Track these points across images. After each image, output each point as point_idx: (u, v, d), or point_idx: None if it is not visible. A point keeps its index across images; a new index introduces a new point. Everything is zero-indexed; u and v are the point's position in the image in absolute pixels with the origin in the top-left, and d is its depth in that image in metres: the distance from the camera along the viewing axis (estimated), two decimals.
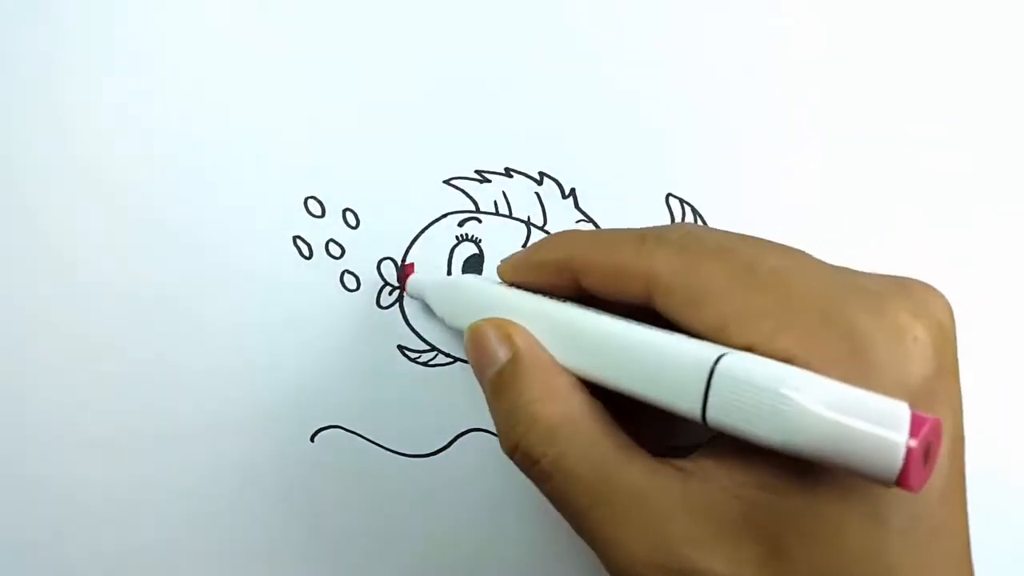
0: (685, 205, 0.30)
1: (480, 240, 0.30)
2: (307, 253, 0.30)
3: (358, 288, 0.30)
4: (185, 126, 0.30)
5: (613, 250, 0.21)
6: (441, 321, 0.28)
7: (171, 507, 0.31)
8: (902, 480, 0.15)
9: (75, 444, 0.31)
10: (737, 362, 0.17)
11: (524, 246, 0.30)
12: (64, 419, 0.31)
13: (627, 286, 0.21)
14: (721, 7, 0.30)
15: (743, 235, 0.21)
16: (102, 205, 0.30)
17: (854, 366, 0.17)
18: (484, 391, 0.23)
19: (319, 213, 0.30)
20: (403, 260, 0.30)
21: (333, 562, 0.31)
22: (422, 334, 0.30)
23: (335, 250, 0.30)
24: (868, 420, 0.15)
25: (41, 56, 0.30)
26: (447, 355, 0.31)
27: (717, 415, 0.17)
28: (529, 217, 0.30)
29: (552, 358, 0.22)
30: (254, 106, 0.30)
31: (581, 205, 0.30)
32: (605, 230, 0.24)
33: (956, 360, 0.19)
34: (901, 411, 0.16)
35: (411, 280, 0.30)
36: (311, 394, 0.31)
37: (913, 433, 0.15)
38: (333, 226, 0.30)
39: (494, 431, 0.30)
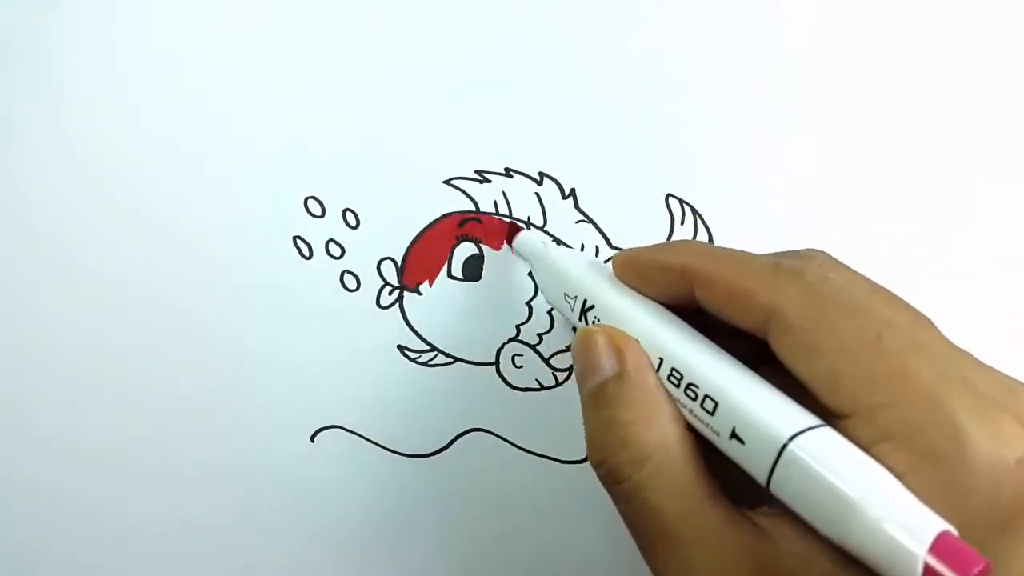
0: (685, 205, 0.30)
1: (480, 240, 0.30)
2: (307, 253, 0.30)
3: (358, 288, 0.30)
4: (185, 126, 0.30)
5: (742, 270, 0.21)
6: (542, 292, 0.28)
7: (171, 507, 0.31)
8: None
9: (73, 444, 0.31)
10: (809, 446, 0.17)
11: None
12: (62, 419, 0.31)
13: (746, 312, 0.20)
14: (721, 7, 0.30)
15: (878, 290, 0.21)
16: (102, 205, 0.30)
17: (949, 470, 0.17)
18: (581, 395, 0.23)
19: (319, 213, 0.30)
20: (403, 260, 0.30)
21: (333, 562, 0.31)
22: (422, 334, 0.30)
23: (335, 250, 0.30)
24: (917, 544, 0.15)
25: (41, 56, 0.30)
26: (447, 355, 0.31)
27: (779, 490, 0.18)
28: (529, 217, 0.30)
29: (658, 381, 0.21)
30: (254, 106, 0.30)
31: (581, 205, 0.30)
32: (735, 249, 0.23)
33: None
34: (956, 547, 0.15)
35: (521, 238, 0.29)
36: (311, 394, 0.31)
37: (962, 570, 0.15)
38: (333, 226, 0.30)
39: (494, 431, 0.30)
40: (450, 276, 0.30)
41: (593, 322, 0.24)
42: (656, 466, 0.20)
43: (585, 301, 0.24)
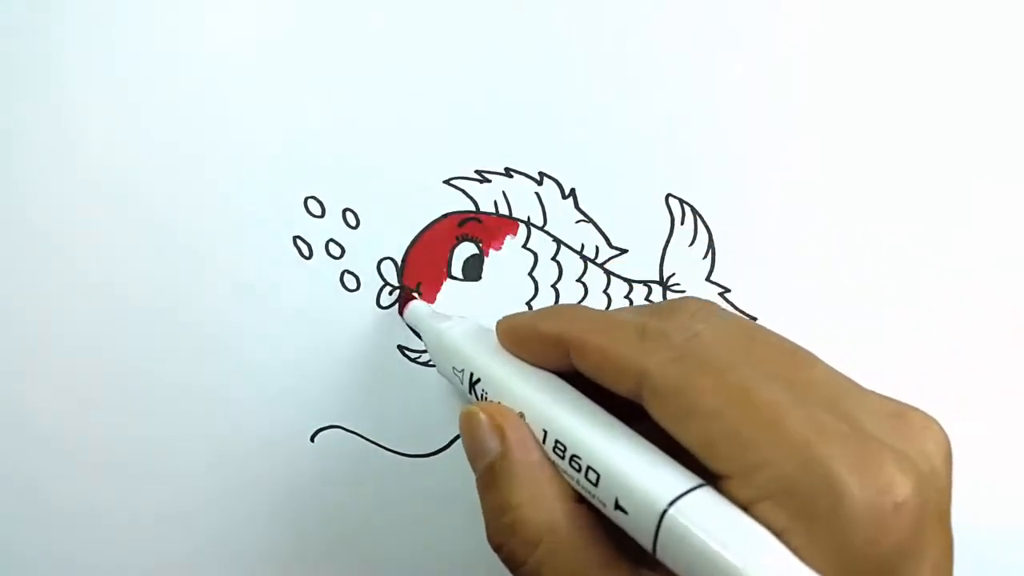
0: (685, 205, 0.30)
1: (480, 240, 0.30)
2: (307, 253, 0.30)
3: (358, 288, 0.30)
4: (185, 126, 0.30)
5: (610, 337, 0.21)
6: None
7: (170, 507, 0.31)
8: None
9: (73, 444, 0.31)
10: (689, 511, 0.17)
11: (524, 246, 0.30)
12: (62, 419, 0.31)
13: (618, 379, 0.20)
14: (721, 7, 0.30)
15: (754, 334, 0.20)
16: (101, 205, 0.30)
17: (826, 525, 0.17)
18: (476, 479, 0.23)
19: (319, 213, 0.30)
20: (403, 260, 0.30)
21: (333, 562, 0.31)
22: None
23: (335, 250, 0.30)
24: None
25: (41, 56, 0.30)
26: None
27: (664, 556, 0.18)
28: (529, 217, 0.30)
29: (543, 456, 0.21)
30: (254, 106, 0.30)
31: (581, 205, 0.30)
32: (609, 313, 0.23)
33: (946, 505, 0.18)
34: None
35: (410, 309, 0.30)
36: (311, 394, 0.31)
37: None
38: (333, 226, 0.30)
39: None
40: (450, 276, 0.30)
41: (482, 395, 0.24)
42: (548, 549, 0.20)
43: (472, 374, 0.24)
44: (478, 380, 0.24)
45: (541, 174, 0.30)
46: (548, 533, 0.20)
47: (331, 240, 0.30)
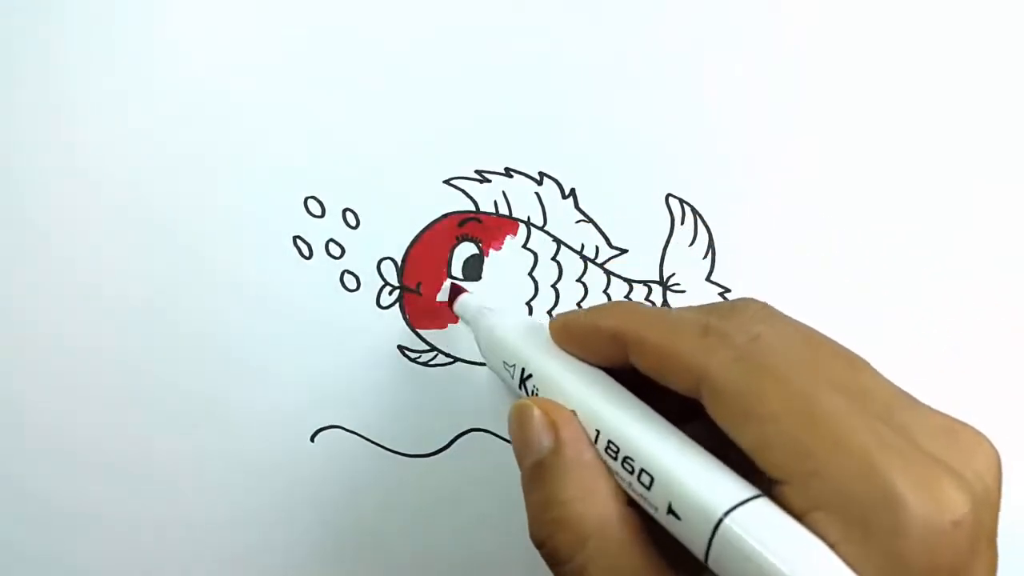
0: (685, 205, 0.30)
1: (480, 240, 0.30)
2: (307, 253, 0.30)
3: (358, 288, 0.30)
4: (185, 126, 0.30)
5: (671, 334, 0.21)
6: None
7: (170, 508, 0.31)
8: None
9: (73, 445, 0.31)
10: (744, 520, 0.17)
11: (524, 246, 0.30)
12: (61, 419, 0.31)
13: (678, 377, 0.20)
14: (721, 7, 0.30)
15: (811, 339, 0.20)
16: (101, 205, 0.30)
17: (883, 539, 0.16)
18: (521, 472, 0.23)
19: (319, 213, 0.30)
20: (403, 260, 0.30)
21: (333, 562, 0.31)
22: (422, 334, 0.31)
23: (335, 250, 0.30)
24: None
25: (41, 56, 0.30)
26: (447, 355, 0.31)
27: (716, 565, 0.17)
28: (529, 217, 0.30)
29: (596, 454, 0.21)
30: (254, 106, 0.30)
31: (581, 205, 0.30)
32: (669, 310, 0.23)
33: (995, 525, 0.18)
34: None
35: (460, 302, 0.29)
36: (311, 394, 0.31)
37: None
38: (333, 226, 0.30)
39: (494, 431, 0.30)
40: (450, 276, 0.30)
41: (532, 391, 0.24)
42: (597, 547, 0.20)
43: (523, 370, 0.24)
44: (530, 376, 0.24)
45: (541, 174, 0.30)
46: (598, 531, 0.20)
47: (331, 240, 0.30)
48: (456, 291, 0.30)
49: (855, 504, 0.17)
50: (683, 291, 0.31)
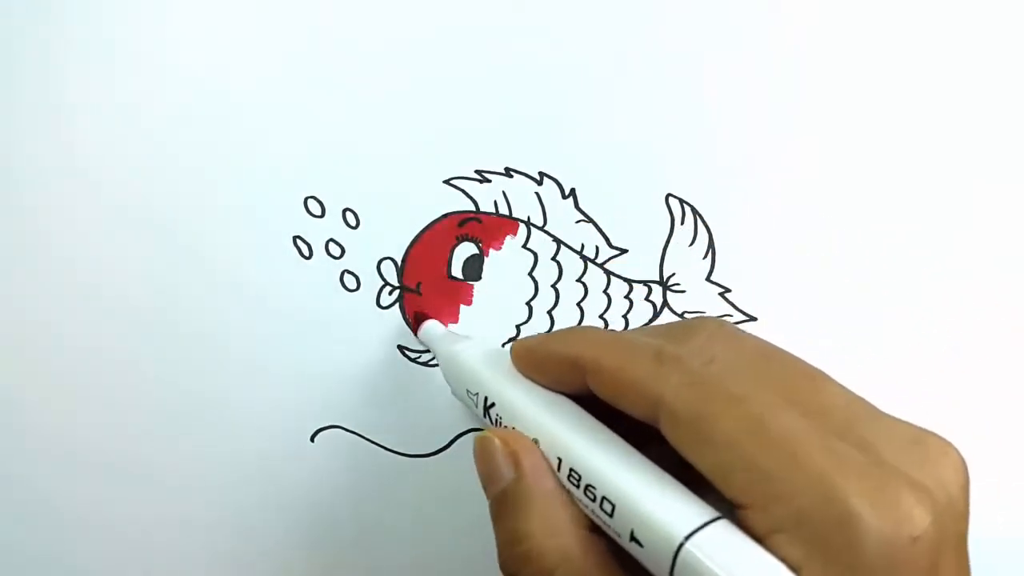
0: (685, 205, 0.30)
1: (480, 240, 0.30)
2: (307, 253, 0.30)
3: (358, 288, 0.30)
4: (185, 126, 0.30)
5: (626, 361, 0.21)
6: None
7: (170, 508, 0.31)
8: None
9: (71, 445, 0.31)
10: (705, 544, 0.17)
11: (524, 246, 0.30)
12: (60, 419, 0.31)
13: (634, 403, 0.20)
14: (722, 7, 0.30)
15: (769, 356, 0.20)
16: (101, 205, 0.30)
17: (843, 559, 0.16)
18: (488, 503, 0.23)
19: (319, 213, 0.30)
20: (403, 260, 0.30)
21: (333, 561, 0.31)
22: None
23: (335, 250, 0.30)
24: None
25: (41, 56, 0.30)
26: None
27: None
28: (529, 217, 0.30)
29: (557, 483, 0.21)
30: (254, 106, 0.30)
31: (581, 205, 0.30)
32: (627, 333, 0.23)
33: (963, 533, 0.18)
34: None
35: (424, 329, 0.30)
36: (311, 394, 0.31)
37: None
38: (333, 226, 0.30)
39: None
40: (450, 276, 0.30)
41: (496, 419, 0.24)
42: None
43: (486, 398, 0.24)
44: (492, 404, 0.24)
45: (541, 174, 0.30)
46: (562, 563, 0.20)
47: (331, 240, 0.30)
48: (420, 318, 0.30)
49: (814, 525, 0.17)
50: (683, 291, 0.31)
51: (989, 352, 0.31)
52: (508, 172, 0.30)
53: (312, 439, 0.31)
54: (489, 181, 0.30)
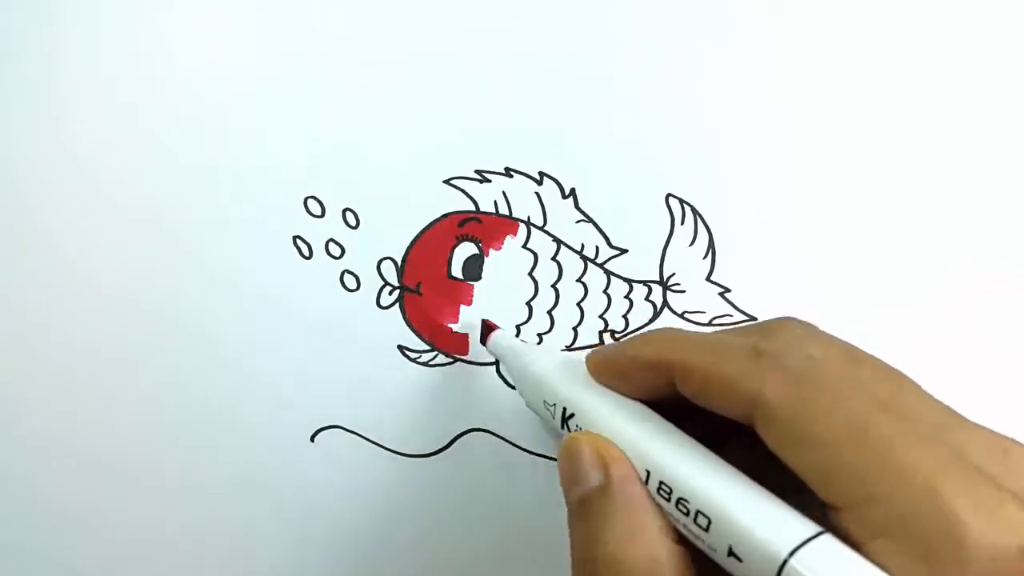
0: (685, 205, 0.30)
1: (480, 240, 0.30)
2: (307, 253, 0.30)
3: (358, 288, 0.30)
4: (185, 126, 0.30)
5: (721, 359, 0.20)
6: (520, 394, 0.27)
7: (170, 508, 0.31)
8: None
9: (71, 445, 0.31)
10: (810, 560, 0.17)
11: (524, 246, 0.30)
12: (60, 419, 0.31)
13: (730, 403, 0.20)
14: (721, 7, 0.30)
15: (858, 358, 0.20)
16: (101, 205, 0.30)
17: (948, 567, 0.16)
18: (567, 502, 0.22)
19: (319, 213, 0.30)
20: (403, 260, 0.30)
21: (333, 562, 0.31)
22: (422, 334, 0.30)
23: (335, 250, 0.30)
24: None
25: (41, 56, 0.30)
26: (447, 355, 0.31)
27: None
28: (529, 217, 0.30)
29: (646, 493, 0.21)
30: (254, 106, 0.30)
31: (581, 205, 0.30)
32: (713, 335, 0.23)
33: None
34: None
35: (493, 340, 0.29)
36: (311, 394, 0.31)
37: None
38: (333, 226, 0.30)
39: (494, 431, 0.30)
40: (450, 276, 0.30)
41: (576, 429, 0.23)
42: None
43: (564, 409, 0.24)
44: (572, 415, 0.23)
45: (541, 174, 0.30)
46: (646, 572, 0.20)
47: (331, 240, 0.30)
48: (488, 328, 0.29)
49: (917, 532, 0.16)
50: (683, 291, 0.31)
51: (989, 352, 0.31)
52: (508, 172, 0.30)
53: (312, 439, 0.31)
54: (489, 181, 0.30)
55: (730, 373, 0.20)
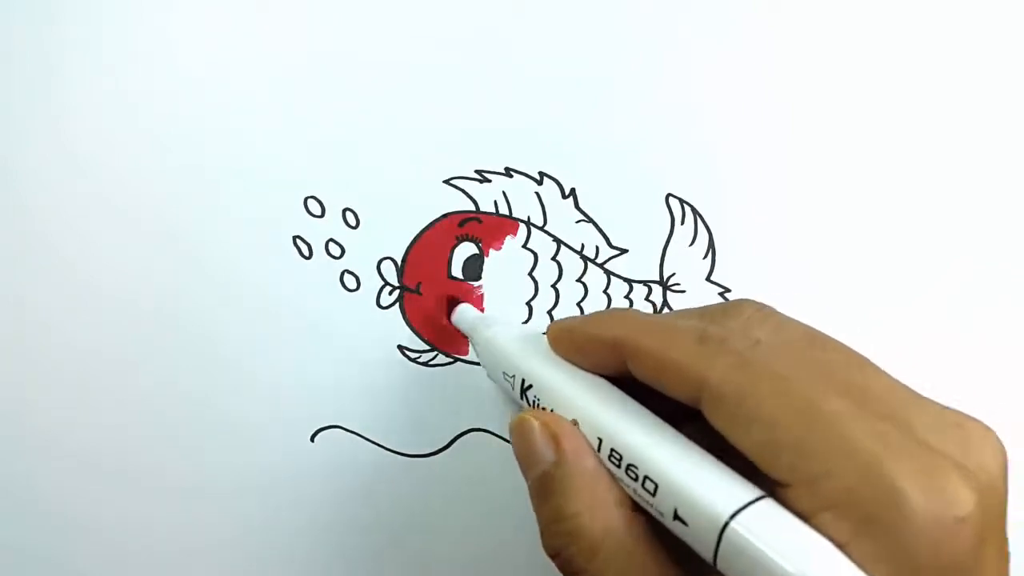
0: (685, 205, 0.30)
1: (480, 240, 0.30)
2: (307, 253, 0.30)
3: (358, 288, 0.30)
4: (185, 126, 0.30)
5: (668, 342, 0.21)
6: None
7: (170, 508, 0.31)
8: None
9: (71, 446, 0.31)
10: (751, 523, 0.17)
11: (524, 246, 0.30)
12: (59, 421, 0.31)
13: (677, 385, 0.20)
14: (721, 7, 0.30)
15: (812, 339, 0.20)
16: (101, 205, 0.30)
17: (890, 537, 0.17)
18: (528, 486, 0.23)
19: (319, 213, 0.30)
20: (403, 260, 0.30)
21: (333, 562, 0.31)
22: (422, 334, 0.30)
23: (335, 250, 0.30)
24: None
25: (41, 56, 0.30)
26: (447, 355, 0.31)
27: (726, 567, 0.18)
28: (529, 217, 0.30)
29: (598, 463, 0.21)
30: (254, 106, 0.30)
31: (581, 205, 0.30)
32: (666, 316, 0.23)
33: (1003, 518, 0.18)
34: None
35: (457, 313, 0.29)
36: (311, 394, 0.31)
37: None
38: (333, 226, 0.30)
39: (494, 431, 0.30)
40: (450, 276, 0.30)
41: (533, 401, 0.24)
42: (607, 557, 0.20)
43: (523, 380, 0.24)
44: (530, 386, 0.24)
45: (541, 174, 0.30)
46: (607, 540, 0.20)
47: (331, 240, 0.30)
48: (453, 302, 0.30)
49: (861, 503, 0.17)
50: (683, 291, 0.31)
51: (990, 352, 0.31)
52: (508, 172, 0.30)
53: (312, 439, 0.31)
54: (489, 181, 0.30)
55: (677, 357, 0.20)
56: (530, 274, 0.30)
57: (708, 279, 0.31)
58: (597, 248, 0.30)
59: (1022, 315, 0.31)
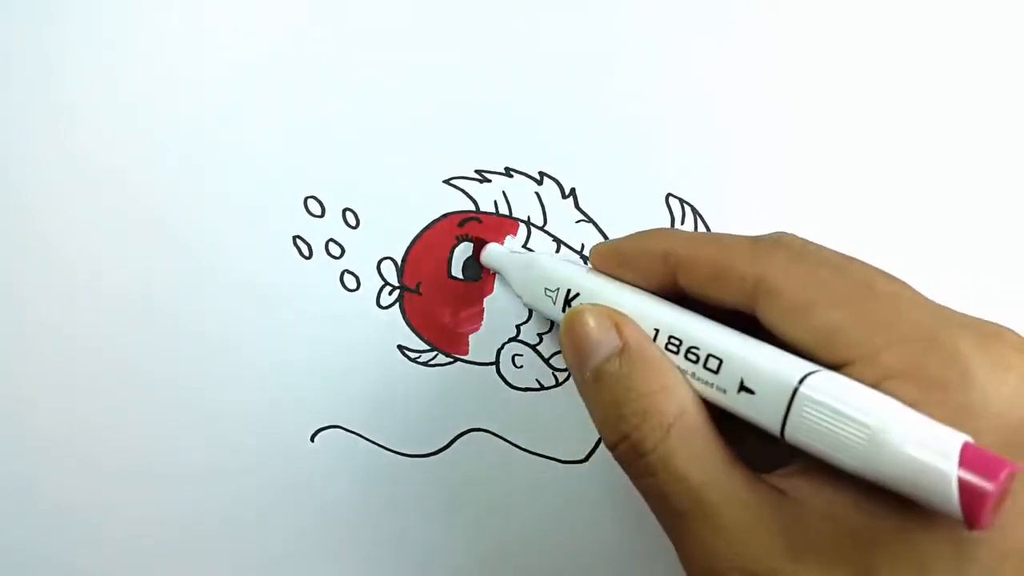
0: (685, 205, 0.30)
1: (480, 240, 0.30)
2: (307, 253, 0.30)
3: (358, 288, 0.30)
4: (185, 126, 0.30)
5: (723, 248, 0.21)
6: (519, 299, 0.28)
7: (170, 508, 0.31)
8: (972, 521, 0.16)
9: (71, 444, 0.31)
10: (821, 385, 0.18)
11: (524, 246, 0.30)
12: (59, 419, 0.31)
13: (732, 287, 0.21)
14: (721, 7, 0.30)
15: (854, 258, 0.21)
16: (101, 205, 0.30)
17: (956, 393, 0.17)
18: (580, 380, 0.23)
19: (319, 213, 0.30)
20: (403, 260, 0.30)
21: (333, 562, 0.31)
22: (422, 334, 0.31)
23: (335, 250, 0.30)
24: (945, 459, 0.16)
25: (41, 56, 0.30)
26: (447, 355, 0.31)
27: (795, 433, 0.18)
28: (529, 217, 0.30)
29: (662, 351, 0.21)
30: (254, 106, 0.30)
31: (581, 205, 0.30)
32: (711, 233, 0.24)
33: None
34: (981, 455, 0.16)
35: (488, 251, 0.29)
36: (311, 394, 0.31)
37: (991, 476, 0.15)
38: (333, 226, 0.30)
39: (494, 431, 0.30)
40: (450, 276, 0.30)
41: None
42: (679, 434, 0.20)
43: (569, 291, 0.24)
44: (576, 295, 0.24)
45: (541, 174, 0.30)
46: (680, 418, 0.20)
47: (331, 240, 0.30)
48: (480, 242, 0.30)
49: (926, 369, 0.17)
50: None
51: None
52: (508, 172, 0.30)
53: (312, 439, 0.31)
54: (489, 181, 0.30)
55: (731, 260, 0.21)
56: None
57: None
58: None
59: (1022, 315, 0.31)
